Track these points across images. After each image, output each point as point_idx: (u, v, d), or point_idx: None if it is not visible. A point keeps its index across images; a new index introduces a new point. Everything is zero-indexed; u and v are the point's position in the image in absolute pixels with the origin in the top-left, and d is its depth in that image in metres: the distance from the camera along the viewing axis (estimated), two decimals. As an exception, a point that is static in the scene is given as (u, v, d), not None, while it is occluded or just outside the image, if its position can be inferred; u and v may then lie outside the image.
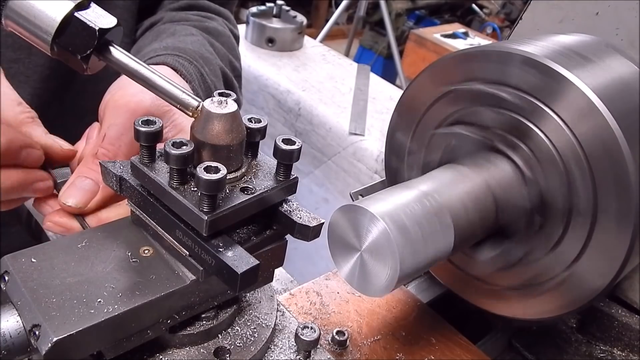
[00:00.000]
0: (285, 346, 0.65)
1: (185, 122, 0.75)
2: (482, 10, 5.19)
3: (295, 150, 0.54)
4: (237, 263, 0.50)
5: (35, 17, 0.54)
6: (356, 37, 4.63)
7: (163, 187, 0.53)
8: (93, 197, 0.67)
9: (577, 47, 0.67)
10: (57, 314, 0.49)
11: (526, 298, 0.69)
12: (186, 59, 0.88)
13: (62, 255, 0.55)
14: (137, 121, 0.53)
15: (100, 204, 0.68)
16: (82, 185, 0.67)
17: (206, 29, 1.04)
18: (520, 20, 0.84)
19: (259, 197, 0.54)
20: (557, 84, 0.60)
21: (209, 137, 0.52)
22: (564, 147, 0.61)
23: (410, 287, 0.85)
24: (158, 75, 0.56)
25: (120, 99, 0.73)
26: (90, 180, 0.67)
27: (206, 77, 0.91)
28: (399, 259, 0.55)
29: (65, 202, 0.66)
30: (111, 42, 0.56)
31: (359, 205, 0.57)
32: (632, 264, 0.64)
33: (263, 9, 2.19)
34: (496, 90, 0.66)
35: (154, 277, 0.55)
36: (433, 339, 0.76)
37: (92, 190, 0.67)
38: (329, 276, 0.84)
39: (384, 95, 1.98)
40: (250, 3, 4.65)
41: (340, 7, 4.16)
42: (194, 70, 0.88)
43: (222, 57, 1.02)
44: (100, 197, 0.68)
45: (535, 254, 0.67)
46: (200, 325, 0.60)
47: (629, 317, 0.75)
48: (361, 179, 1.69)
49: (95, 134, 0.73)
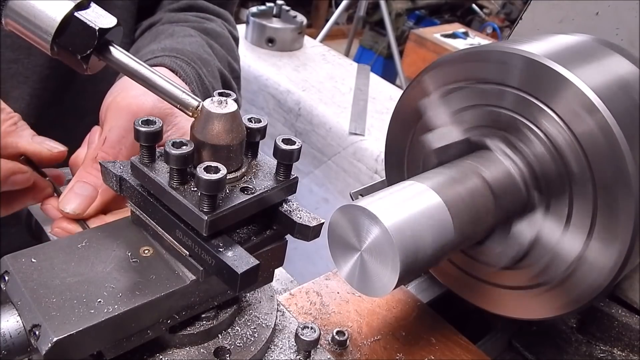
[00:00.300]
0: (285, 346, 0.65)
1: (187, 125, 0.75)
2: (482, 10, 5.19)
3: (295, 150, 0.54)
4: (237, 263, 0.50)
5: (35, 17, 0.54)
6: (356, 37, 4.63)
7: (163, 187, 0.53)
8: (92, 202, 0.67)
9: (577, 47, 0.67)
10: (57, 314, 0.49)
11: (526, 298, 0.69)
12: (184, 61, 0.88)
13: (62, 255, 0.55)
14: (137, 121, 0.53)
15: (99, 209, 0.68)
16: (81, 191, 0.67)
17: (205, 30, 1.04)
18: (520, 20, 0.84)
19: (259, 197, 0.54)
20: (557, 84, 0.60)
21: (209, 137, 0.52)
22: (564, 147, 0.61)
23: (410, 287, 0.85)
24: (158, 75, 0.56)
25: (122, 101, 0.72)
26: (89, 185, 0.67)
27: (204, 79, 0.90)
28: (399, 259, 0.55)
29: (64, 209, 0.66)
30: (111, 42, 0.56)
31: (359, 205, 0.57)
32: (632, 264, 0.64)
33: (263, 9, 2.18)
34: (496, 90, 0.66)
35: (154, 277, 0.55)
36: (433, 339, 0.76)
37: (90, 195, 0.67)
38: (329, 276, 0.84)
39: (384, 95, 1.98)
40: (250, 3, 4.65)
41: (340, 7, 4.16)
42: (192, 72, 0.88)
43: (220, 59, 1.02)
44: (100, 202, 0.68)
45: (534, 255, 0.67)
46: (200, 325, 0.60)
47: (629, 317, 0.75)
48: (361, 179, 1.69)
49: (97, 138, 0.73)
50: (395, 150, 0.80)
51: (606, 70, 0.64)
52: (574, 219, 0.63)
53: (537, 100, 0.62)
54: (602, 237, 0.61)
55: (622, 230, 0.59)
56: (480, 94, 0.67)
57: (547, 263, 0.66)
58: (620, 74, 0.65)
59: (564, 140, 0.61)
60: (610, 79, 0.63)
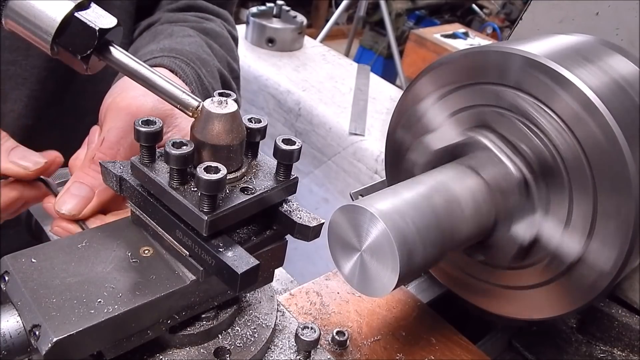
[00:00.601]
0: (285, 346, 0.65)
1: (188, 126, 0.75)
2: (482, 10, 5.19)
3: (295, 150, 0.54)
4: (237, 263, 0.50)
5: (36, 17, 0.54)
6: (356, 37, 4.63)
7: (163, 187, 0.53)
8: (88, 203, 0.67)
9: (576, 47, 0.67)
10: (57, 314, 0.49)
11: (526, 298, 0.69)
12: (183, 61, 0.87)
13: (62, 256, 0.55)
14: (137, 121, 0.53)
15: (96, 210, 0.68)
16: (78, 192, 0.67)
17: (204, 30, 1.04)
18: (520, 20, 0.84)
19: (259, 197, 0.54)
20: (557, 84, 0.60)
21: (209, 137, 0.52)
22: (564, 147, 0.61)
23: (410, 287, 0.85)
24: (158, 76, 0.56)
25: (122, 102, 0.72)
26: (86, 186, 0.67)
27: (204, 79, 0.90)
28: (399, 259, 0.55)
29: (60, 210, 0.66)
30: (111, 42, 0.56)
31: (359, 205, 0.57)
32: (632, 264, 0.64)
33: (263, 9, 2.18)
34: (496, 91, 0.66)
35: (154, 277, 0.55)
36: (433, 339, 0.76)
37: (87, 196, 0.67)
38: (329, 276, 0.84)
39: (384, 95, 1.98)
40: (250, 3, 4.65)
41: (340, 7, 4.16)
42: (192, 72, 0.87)
43: (220, 59, 1.02)
44: (97, 203, 0.68)
45: (534, 255, 0.67)
46: (200, 325, 0.60)
47: (629, 317, 0.75)
48: (361, 179, 1.69)
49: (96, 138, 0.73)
50: (395, 150, 0.80)
51: (606, 71, 0.64)
52: (574, 219, 0.63)
53: (537, 100, 0.62)
54: (602, 237, 0.61)
55: (622, 230, 0.59)
56: (480, 95, 0.67)
57: (547, 263, 0.66)
58: (620, 74, 0.65)
59: (564, 141, 0.61)
60: (610, 79, 0.63)
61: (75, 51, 0.55)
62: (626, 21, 0.73)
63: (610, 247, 0.60)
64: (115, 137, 0.69)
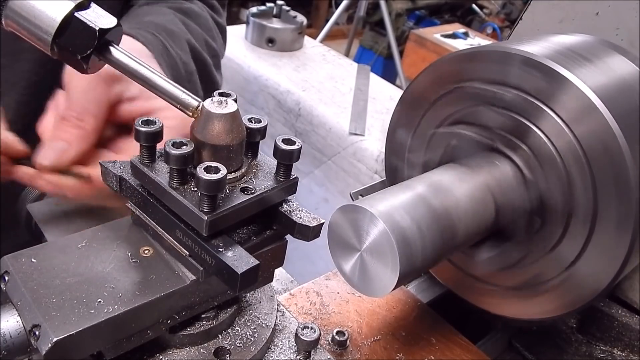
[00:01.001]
0: (285, 346, 0.65)
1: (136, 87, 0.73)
2: (482, 10, 5.19)
3: (295, 150, 0.54)
4: (237, 263, 0.50)
5: (36, 17, 0.54)
6: (356, 37, 4.63)
7: (163, 187, 0.53)
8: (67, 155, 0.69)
9: (577, 47, 0.67)
10: (57, 314, 0.49)
11: (526, 298, 0.69)
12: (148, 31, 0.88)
13: (62, 256, 0.55)
14: (138, 121, 0.53)
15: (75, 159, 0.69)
16: (56, 147, 0.68)
17: (180, 9, 1.04)
18: (520, 20, 0.84)
19: (259, 197, 0.54)
20: (557, 84, 0.60)
21: (209, 137, 0.52)
22: (564, 147, 0.61)
23: (410, 287, 0.85)
24: (158, 76, 0.56)
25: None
26: (62, 141, 0.69)
27: (170, 50, 0.91)
28: (399, 259, 0.55)
29: (42, 163, 0.68)
30: (111, 42, 0.56)
31: (359, 205, 0.57)
32: (632, 264, 0.64)
33: (263, 9, 2.18)
34: (496, 90, 0.66)
35: (154, 277, 0.55)
36: (433, 339, 0.76)
37: (65, 150, 0.69)
38: (329, 276, 0.84)
39: (384, 95, 1.98)
40: (250, 3, 4.65)
41: (340, 7, 4.16)
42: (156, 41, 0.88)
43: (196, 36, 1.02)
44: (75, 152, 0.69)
45: (534, 255, 0.67)
46: (200, 325, 0.60)
47: (629, 317, 0.75)
48: (361, 179, 1.69)
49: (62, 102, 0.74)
50: (395, 150, 0.80)
51: (606, 71, 0.64)
52: (574, 218, 0.63)
53: (538, 100, 0.62)
54: (602, 237, 0.61)
55: (622, 230, 0.59)
56: (480, 95, 0.67)
57: (548, 263, 0.66)
58: (621, 74, 0.65)
59: (564, 141, 0.61)
60: (610, 79, 0.63)
61: (75, 51, 0.55)
62: (626, 21, 0.73)
63: (611, 247, 0.60)
64: (79, 92, 0.70)
